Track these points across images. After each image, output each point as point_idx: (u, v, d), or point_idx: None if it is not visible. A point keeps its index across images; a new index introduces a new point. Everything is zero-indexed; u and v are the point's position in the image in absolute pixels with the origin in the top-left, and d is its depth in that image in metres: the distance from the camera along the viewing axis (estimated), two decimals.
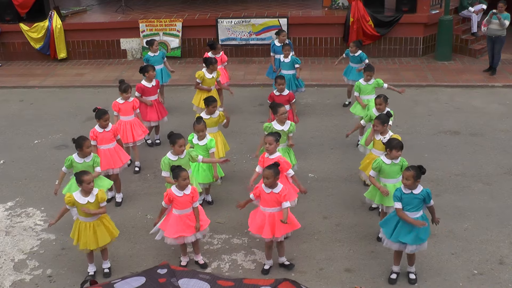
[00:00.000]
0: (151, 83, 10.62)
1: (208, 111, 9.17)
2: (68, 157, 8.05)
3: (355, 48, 11.95)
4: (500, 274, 7.24)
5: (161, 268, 4.69)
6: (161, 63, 12.04)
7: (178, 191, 7.11)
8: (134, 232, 8.30)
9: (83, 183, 6.93)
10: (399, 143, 7.42)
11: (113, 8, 17.47)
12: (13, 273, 7.57)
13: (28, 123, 12.34)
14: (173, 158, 7.89)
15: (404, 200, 6.72)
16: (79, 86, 14.49)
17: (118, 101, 9.81)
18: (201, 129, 8.45)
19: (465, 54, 15.65)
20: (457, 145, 10.69)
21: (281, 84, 10.13)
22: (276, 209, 7.01)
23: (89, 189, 6.97)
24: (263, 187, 7.04)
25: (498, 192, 9.09)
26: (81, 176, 6.95)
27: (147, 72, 10.51)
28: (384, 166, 7.49)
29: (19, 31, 16.11)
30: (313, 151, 10.57)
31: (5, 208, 9.12)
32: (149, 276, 4.59)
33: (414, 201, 6.70)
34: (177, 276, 4.52)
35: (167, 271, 4.61)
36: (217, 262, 7.62)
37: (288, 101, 9.97)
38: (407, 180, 6.67)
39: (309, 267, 7.47)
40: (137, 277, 4.63)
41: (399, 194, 6.73)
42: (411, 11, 15.32)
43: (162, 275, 4.55)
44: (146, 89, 10.55)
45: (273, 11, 16.35)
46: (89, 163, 7.96)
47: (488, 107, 12.45)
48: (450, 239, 7.92)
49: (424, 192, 6.72)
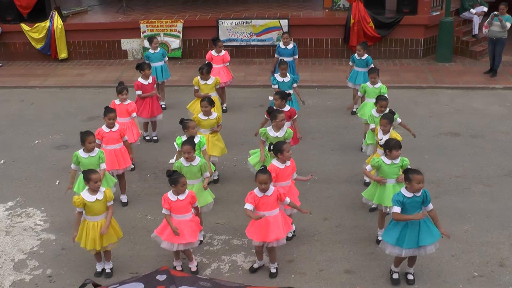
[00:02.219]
0: (148, 80, 10.68)
1: (204, 113, 9.15)
2: (74, 153, 8.09)
3: (362, 51, 11.65)
4: (500, 276, 7.23)
5: (161, 274, 4.59)
6: (161, 60, 12.19)
7: (173, 195, 7.07)
8: (134, 233, 8.29)
9: (90, 181, 6.92)
10: (397, 143, 7.41)
11: (114, 9, 17.48)
12: (13, 273, 7.57)
13: (28, 123, 12.34)
14: (185, 164, 7.82)
15: (408, 204, 6.64)
16: (80, 87, 14.51)
17: (115, 101, 9.83)
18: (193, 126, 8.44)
19: (465, 56, 15.66)
20: (458, 147, 10.68)
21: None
22: (274, 212, 6.99)
23: (97, 188, 6.97)
24: (256, 193, 6.95)
25: (499, 194, 9.09)
26: (88, 175, 6.94)
27: (143, 70, 10.61)
28: (384, 166, 7.49)
29: (20, 31, 16.15)
30: (313, 152, 10.57)
31: (5, 208, 9.11)
32: (147, 282, 4.51)
33: (416, 204, 6.69)
34: (176, 283, 4.43)
35: (166, 277, 4.53)
36: (217, 263, 7.61)
37: (290, 117, 9.23)
38: (418, 183, 6.57)
39: (309, 268, 7.46)
40: (136, 282, 4.54)
41: (401, 199, 6.64)
42: (412, 12, 15.33)
43: (161, 282, 4.47)
44: (143, 86, 10.61)
45: (274, 12, 16.35)
46: (94, 157, 7.97)
47: (488, 109, 12.45)
48: (450, 241, 7.89)
49: (423, 193, 6.70)
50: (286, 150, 7.47)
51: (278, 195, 6.96)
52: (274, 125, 8.42)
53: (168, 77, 12.53)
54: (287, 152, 7.46)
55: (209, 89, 10.77)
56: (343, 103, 12.46)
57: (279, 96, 9.14)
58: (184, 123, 8.43)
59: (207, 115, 9.11)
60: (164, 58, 12.35)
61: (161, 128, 11.50)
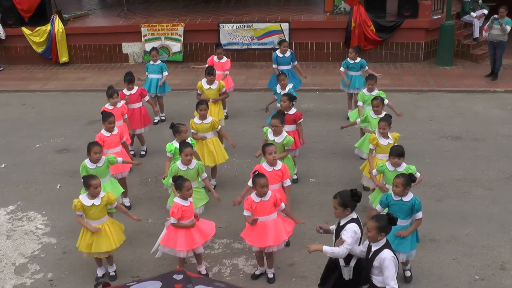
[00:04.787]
0: (130, 91, 10.51)
1: (200, 116, 9.14)
2: (82, 163, 7.98)
3: (354, 54, 11.59)
4: (501, 280, 7.22)
5: (177, 273, 4.70)
6: (158, 73, 11.91)
7: (183, 201, 7.02)
8: (135, 237, 8.29)
9: (91, 187, 6.93)
10: (397, 150, 7.41)
11: (115, 12, 17.51)
12: (14, 277, 7.57)
13: (29, 127, 12.35)
14: (182, 167, 7.84)
15: (394, 207, 6.71)
16: (81, 90, 14.53)
17: (107, 106, 9.76)
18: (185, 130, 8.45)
19: (466, 59, 15.66)
20: (459, 150, 10.68)
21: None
22: (271, 216, 6.99)
23: (96, 194, 6.99)
24: (252, 198, 6.93)
25: (500, 197, 9.08)
26: (88, 180, 6.95)
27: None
28: (387, 172, 7.51)
29: (21, 35, 16.19)
30: (314, 156, 10.57)
31: (6, 212, 9.12)
32: (165, 281, 4.61)
33: (404, 209, 6.70)
34: (193, 283, 4.54)
35: (183, 277, 4.64)
36: (218, 267, 7.61)
37: (295, 121, 9.22)
38: (396, 187, 6.67)
39: (310, 272, 7.45)
40: (153, 281, 4.65)
41: (384, 199, 6.80)
42: (412, 16, 15.34)
43: (178, 281, 4.57)
44: (128, 95, 10.46)
45: (274, 16, 16.37)
46: (102, 167, 7.91)
47: (489, 112, 12.45)
48: (452, 245, 7.90)
49: (413, 200, 6.70)
50: (268, 153, 7.55)
51: (274, 200, 6.95)
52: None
53: (166, 92, 12.09)
54: (268, 154, 7.55)
55: (213, 94, 10.70)
56: (344, 107, 12.46)
57: (287, 98, 9.18)
58: (176, 128, 8.44)
59: (202, 119, 9.13)
60: (162, 73, 11.92)
61: (162, 133, 11.52)
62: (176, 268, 5.06)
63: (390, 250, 5.64)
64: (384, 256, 5.58)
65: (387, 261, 5.57)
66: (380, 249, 5.64)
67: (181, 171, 7.75)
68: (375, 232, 5.61)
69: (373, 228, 5.61)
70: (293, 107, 9.24)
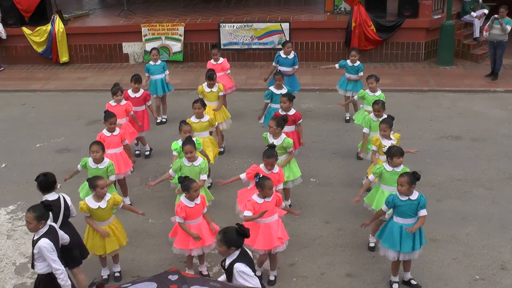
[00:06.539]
0: (135, 93, 10.49)
1: (197, 115, 9.15)
2: (84, 158, 8.04)
3: (358, 56, 11.52)
4: (501, 280, 7.22)
5: (172, 274, 4.67)
6: (161, 73, 11.89)
7: (188, 202, 6.99)
8: (135, 236, 8.28)
9: (97, 188, 6.88)
10: (398, 150, 7.39)
11: (115, 12, 17.51)
12: (14, 276, 7.57)
13: (29, 127, 12.36)
14: (187, 163, 7.86)
15: (403, 208, 6.67)
16: (81, 90, 14.53)
17: (110, 103, 9.83)
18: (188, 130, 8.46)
19: (467, 59, 15.66)
20: (459, 150, 10.68)
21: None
22: (274, 217, 6.98)
23: (102, 194, 6.93)
24: (255, 199, 6.91)
25: (500, 197, 9.08)
26: (94, 181, 6.91)
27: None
28: (384, 172, 7.48)
29: (21, 34, 16.18)
30: (314, 156, 10.57)
31: (6, 212, 9.12)
32: (160, 281, 4.58)
33: (413, 207, 6.69)
34: (188, 283, 4.52)
35: (178, 277, 4.61)
36: (218, 267, 7.60)
37: (294, 122, 9.20)
38: (401, 186, 6.64)
39: (311, 271, 7.46)
40: (148, 282, 4.62)
41: (391, 200, 6.74)
42: (413, 16, 15.33)
43: (173, 282, 4.54)
44: (130, 99, 10.41)
45: (275, 16, 16.37)
46: (102, 169, 7.91)
47: (490, 112, 12.45)
48: (452, 244, 7.90)
49: (419, 197, 6.70)
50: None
51: (277, 200, 6.96)
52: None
53: (170, 90, 12.11)
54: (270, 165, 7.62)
55: (214, 97, 10.63)
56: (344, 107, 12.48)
57: (287, 98, 9.15)
58: (179, 125, 8.54)
59: (199, 117, 9.15)
60: (164, 72, 11.94)
61: (163, 132, 11.52)
62: (171, 269, 5.00)
63: (241, 263, 5.37)
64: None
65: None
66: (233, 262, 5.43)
67: (186, 167, 7.80)
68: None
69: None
70: (292, 108, 9.23)
